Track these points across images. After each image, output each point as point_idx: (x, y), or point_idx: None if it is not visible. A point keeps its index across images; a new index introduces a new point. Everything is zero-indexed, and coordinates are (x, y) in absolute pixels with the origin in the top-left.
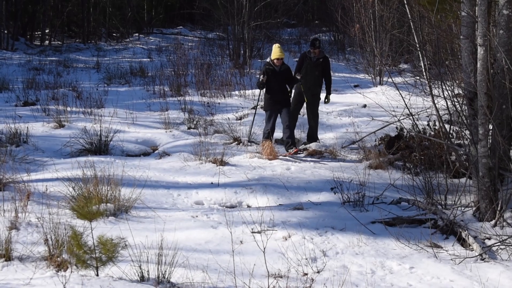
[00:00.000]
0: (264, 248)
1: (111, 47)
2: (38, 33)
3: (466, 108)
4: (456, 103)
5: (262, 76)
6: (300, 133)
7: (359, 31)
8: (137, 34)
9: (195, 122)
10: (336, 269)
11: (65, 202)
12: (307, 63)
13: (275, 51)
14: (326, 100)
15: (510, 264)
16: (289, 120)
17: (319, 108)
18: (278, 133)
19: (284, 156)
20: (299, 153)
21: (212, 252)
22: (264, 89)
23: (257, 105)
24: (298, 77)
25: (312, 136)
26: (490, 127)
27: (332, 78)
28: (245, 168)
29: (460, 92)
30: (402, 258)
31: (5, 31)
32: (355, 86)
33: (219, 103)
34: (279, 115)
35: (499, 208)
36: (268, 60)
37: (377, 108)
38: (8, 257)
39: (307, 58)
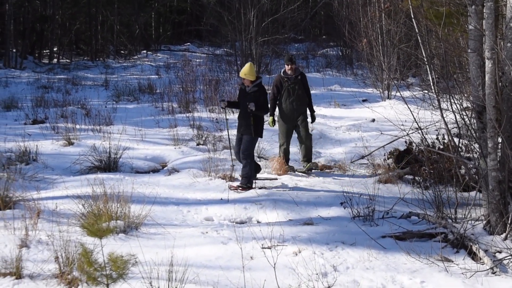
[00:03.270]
0: (275, 264)
1: (119, 64)
2: (47, 51)
3: (475, 121)
4: (464, 117)
5: (222, 102)
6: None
7: (366, 46)
8: (145, 51)
9: (204, 138)
10: (346, 284)
11: (75, 220)
12: (286, 84)
13: (243, 70)
14: (312, 120)
15: None
16: (244, 153)
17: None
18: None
19: (235, 189)
20: (238, 191)
21: (223, 268)
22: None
23: (227, 127)
24: (251, 108)
25: (308, 157)
26: (499, 140)
27: (340, 92)
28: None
29: (469, 105)
30: (413, 272)
31: (14, 50)
32: (364, 101)
33: (227, 119)
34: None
35: (509, 221)
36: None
37: (386, 122)
38: (18, 275)
39: (284, 79)
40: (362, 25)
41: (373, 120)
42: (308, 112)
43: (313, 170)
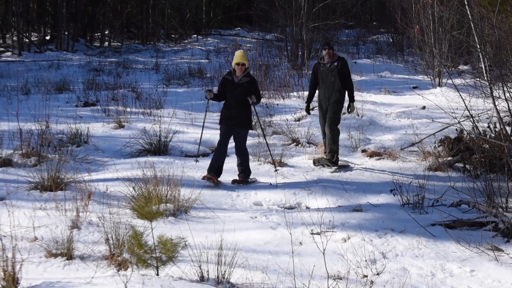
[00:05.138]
0: (324, 250)
1: (170, 48)
2: (98, 34)
3: None
4: None
5: (207, 89)
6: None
7: (418, 33)
8: (195, 35)
9: (253, 123)
10: (395, 272)
11: (125, 202)
12: (321, 71)
13: (237, 55)
14: (350, 109)
15: None
16: (241, 147)
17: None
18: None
19: (239, 182)
20: (211, 179)
21: (271, 253)
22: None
23: (205, 116)
24: (254, 100)
25: (329, 150)
26: None
27: (390, 79)
28: (304, 169)
29: None
30: (463, 261)
31: (66, 33)
32: (414, 88)
33: (277, 104)
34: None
35: None
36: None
37: (437, 109)
38: (69, 256)
39: (320, 66)
40: (414, 11)
41: (424, 108)
42: (346, 102)
43: (332, 167)
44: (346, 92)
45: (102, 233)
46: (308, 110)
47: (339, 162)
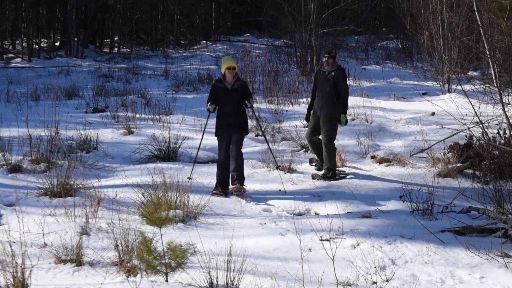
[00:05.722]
0: (333, 256)
1: (179, 54)
2: (107, 40)
3: None
4: None
5: (209, 104)
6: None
7: (428, 39)
8: (204, 41)
9: (262, 129)
10: (405, 278)
11: (134, 208)
12: (320, 78)
13: (225, 60)
14: (340, 121)
15: None
16: (238, 151)
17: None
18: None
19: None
20: (219, 195)
21: (281, 259)
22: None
23: (205, 129)
24: (249, 105)
25: (327, 167)
26: None
27: (400, 85)
28: None
29: None
30: (473, 267)
31: (75, 39)
32: (423, 94)
33: (286, 111)
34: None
35: None
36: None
37: (446, 116)
38: (79, 262)
39: (320, 73)
40: (423, 17)
41: (433, 114)
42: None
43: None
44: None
45: (111, 239)
46: (308, 118)
47: (337, 172)
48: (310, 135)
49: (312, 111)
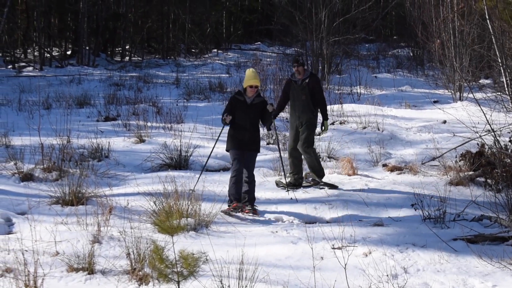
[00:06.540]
0: (345, 264)
1: (190, 62)
2: (119, 49)
3: None
4: None
5: (225, 115)
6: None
7: (439, 47)
8: (215, 50)
9: (274, 138)
10: (417, 287)
11: (146, 217)
12: (293, 88)
13: (249, 75)
14: (324, 128)
15: None
16: (251, 173)
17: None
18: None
19: (247, 212)
20: (239, 212)
21: (293, 268)
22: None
23: (218, 138)
24: (270, 109)
25: (314, 171)
26: None
27: (411, 93)
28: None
29: None
30: (485, 276)
31: (87, 47)
32: (435, 102)
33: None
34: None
35: None
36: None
37: (458, 124)
38: (91, 270)
39: (292, 82)
40: (434, 25)
41: (444, 122)
42: (319, 120)
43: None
44: (319, 110)
45: (123, 247)
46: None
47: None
48: (293, 149)
49: (289, 125)
